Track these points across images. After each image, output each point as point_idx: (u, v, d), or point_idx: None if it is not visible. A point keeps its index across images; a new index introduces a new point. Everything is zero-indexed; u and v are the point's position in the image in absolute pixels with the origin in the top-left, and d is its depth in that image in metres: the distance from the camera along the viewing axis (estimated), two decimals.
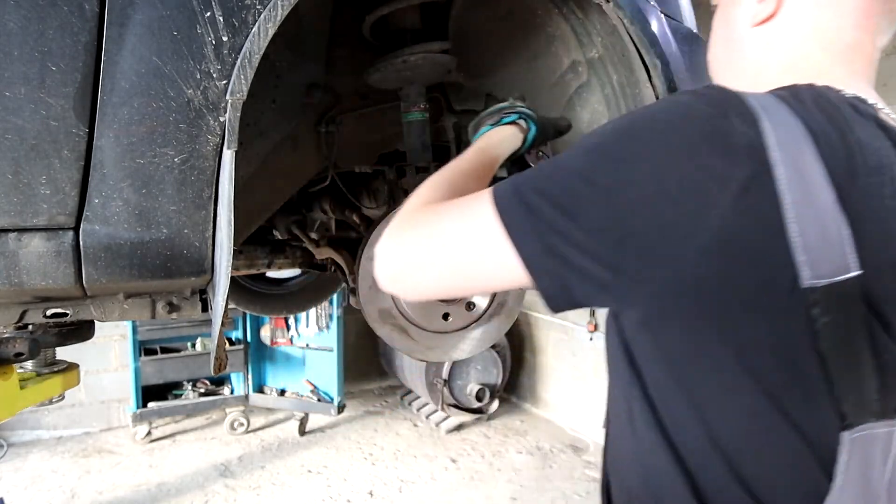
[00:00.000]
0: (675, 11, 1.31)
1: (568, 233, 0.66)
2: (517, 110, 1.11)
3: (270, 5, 0.88)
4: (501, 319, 1.36)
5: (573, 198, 0.66)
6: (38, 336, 1.28)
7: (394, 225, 0.84)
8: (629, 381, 0.77)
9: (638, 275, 0.65)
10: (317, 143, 1.50)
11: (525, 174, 0.73)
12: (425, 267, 0.79)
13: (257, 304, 2.31)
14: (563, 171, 0.69)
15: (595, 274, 0.66)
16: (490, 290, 0.86)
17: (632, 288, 0.67)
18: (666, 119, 0.67)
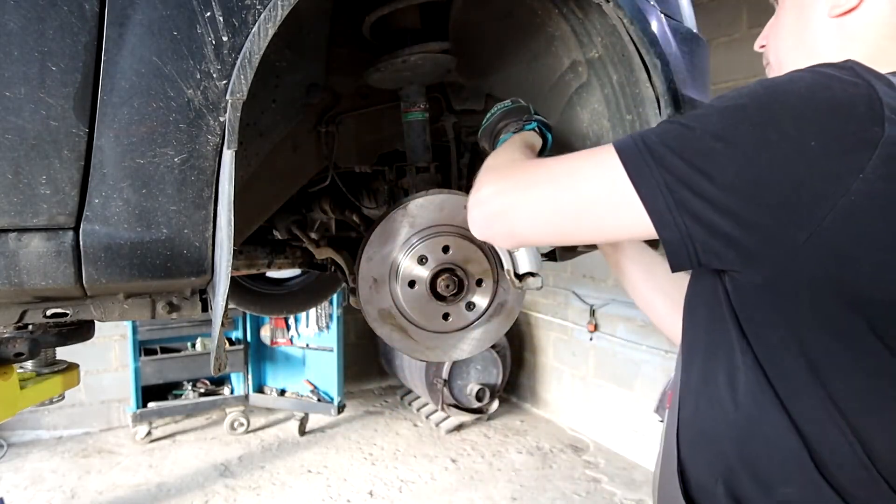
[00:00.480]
0: (675, 11, 1.31)
1: (700, 188, 0.67)
2: (536, 119, 1.13)
3: (270, 5, 0.88)
4: (501, 319, 1.36)
5: (708, 155, 0.67)
6: (38, 336, 1.28)
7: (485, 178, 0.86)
8: (737, 349, 0.77)
9: (772, 233, 0.66)
10: (317, 143, 1.50)
11: (648, 131, 0.74)
12: (535, 210, 0.81)
13: (257, 304, 2.31)
14: (696, 129, 0.70)
15: (725, 230, 0.67)
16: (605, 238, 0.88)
17: (763, 246, 0.68)
18: (809, 86, 0.68)
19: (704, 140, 0.68)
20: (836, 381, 0.71)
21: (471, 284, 1.29)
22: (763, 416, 0.75)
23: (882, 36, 0.80)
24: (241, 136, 0.90)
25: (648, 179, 0.70)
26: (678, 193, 0.69)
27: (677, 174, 0.69)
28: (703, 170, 0.67)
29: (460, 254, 1.27)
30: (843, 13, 0.82)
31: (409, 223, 1.25)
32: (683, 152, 0.69)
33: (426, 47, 1.28)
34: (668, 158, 0.69)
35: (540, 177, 0.82)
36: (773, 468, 0.76)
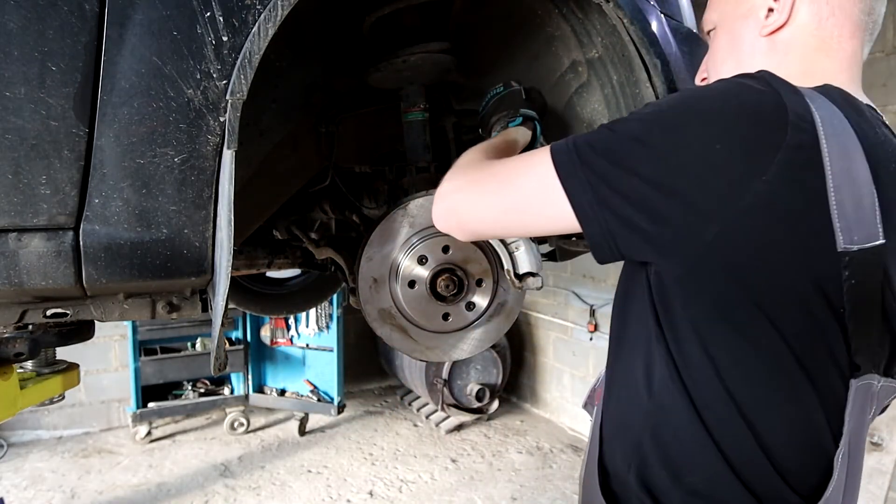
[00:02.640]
0: (675, 11, 1.31)
1: (620, 186, 0.72)
2: (521, 113, 1.16)
3: (270, 5, 0.88)
4: (501, 319, 1.36)
5: (628, 156, 0.73)
6: (38, 336, 1.28)
7: (450, 174, 0.94)
8: (653, 339, 0.82)
9: (682, 229, 0.71)
10: (317, 143, 1.49)
11: (581, 135, 0.79)
12: (480, 206, 0.88)
13: (257, 304, 2.31)
14: (619, 133, 0.75)
15: (642, 226, 0.72)
16: (540, 232, 0.94)
17: (675, 242, 0.72)
18: (721, 92, 0.73)
19: (625, 142, 0.73)
20: (734, 375, 0.75)
21: (471, 284, 1.29)
22: (673, 404, 0.80)
23: (811, 48, 0.85)
24: (241, 136, 0.90)
25: (574, 177, 0.75)
26: (600, 190, 0.73)
27: (599, 172, 0.74)
28: (622, 169, 0.72)
29: (460, 254, 1.27)
30: (773, 31, 0.87)
31: (409, 223, 1.25)
32: (606, 153, 0.74)
33: (426, 47, 1.28)
34: (592, 158, 0.74)
35: (488, 177, 0.88)
36: (682, 456, 0.80)
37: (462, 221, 0.92)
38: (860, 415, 0.75)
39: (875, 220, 0.69)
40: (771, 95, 0.69)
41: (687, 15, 1.38)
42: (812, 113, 0.69)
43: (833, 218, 0.67)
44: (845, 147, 0.68)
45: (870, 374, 0.74)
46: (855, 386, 0.73)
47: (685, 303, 0.77)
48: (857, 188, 0.68)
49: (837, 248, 0.68)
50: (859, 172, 0.68)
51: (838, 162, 0.67)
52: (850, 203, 0.68)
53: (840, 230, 0.67)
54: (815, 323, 0.71)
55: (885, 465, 2.69)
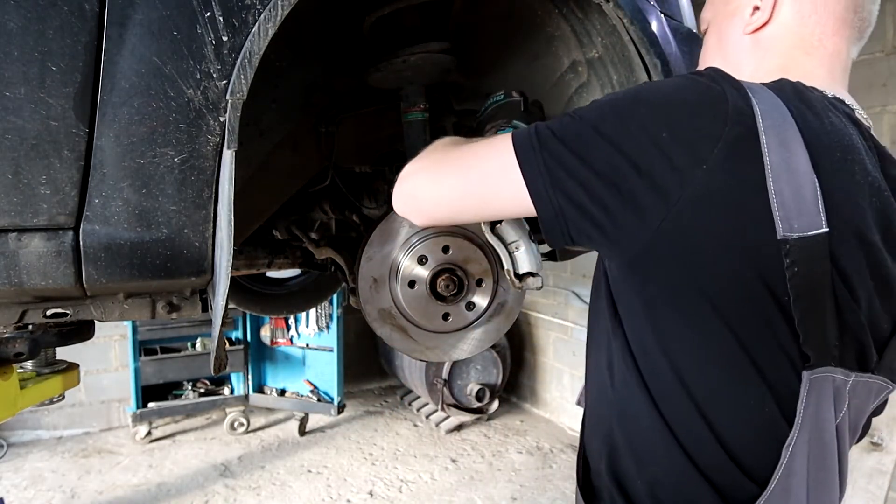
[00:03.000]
0: (675, 11, 1.31)
1: (574, 171, 0.74)
2: (513, 125, 1.16)
3: (270, 5, 0.88)
4: (501, 319, 1.36)
5: (583, 142, 0.75)
6: (38, 336, 1.28)
7: (414, 159, 0.95)
8: (612, 331, 0.85)
9: (627, 218, 0.73)
10: (317, 143, 1.49)
11: (544, 122, 0.81)
12: (439, 188, 0.89)
13: (257, 304, 2.31)
14: (577, 120, 0.77)
15: (592, 211, 0.75)
16: (496, 215, 0.95)
17: (622, 229, 0.74)
18: (670, 85, 0.76)
19: (582, 128, 0.76)
20: (685, 363, 0.77)
21: (471, 284, 1.29)
22: (631, 395, 0.82)
23: (792, 46, 0.87)
24: (241, 136, 0.90)
25: (531, 160, 0.77)
26: (555, 174, 0.75)
27: (556, 157, 0.76)
28: (577, 154, 0.74)
29: (460, 254, 1.27)
30: (756, 29, 0.89)
31: (409, 223, 1.25)
32: (564, 138, 0.76)
33: (426, 47, 1.27)
34: (550, 143, 0.76)
35: (449, 160, 0.90)
36: (643, 445, 0.82)
37: (419, 204, 0.93)
38: (820, 409, 0.75)
39: (817, 208, 0.70)
40: (714, 90, 0.72)
41: (687, 15, 1.38)
42: (753, 106, 0.71)
43: (773, 207, 0.69)
44: (784, 139, 0.70)
45: (827, 367, 0.74)
46: (808, 378, 0.73)
47: (635, 292, 0.79)
48: (797, 177, 0.70)
49: (777, 237, 0.69)
50: (799, 163, 0.70)
51: (777, 153, 0.69)
52: (789, 192, 0.69)
53: (779, 219, 0.69)
54: (760, 312, 0.72)
55: (886, 465, 2.69)
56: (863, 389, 0.78)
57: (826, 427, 0.76)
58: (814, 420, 0.75)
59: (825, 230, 0.70)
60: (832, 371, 0.74)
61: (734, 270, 0.72)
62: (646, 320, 0.79)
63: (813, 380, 0.74)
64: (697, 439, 0.77)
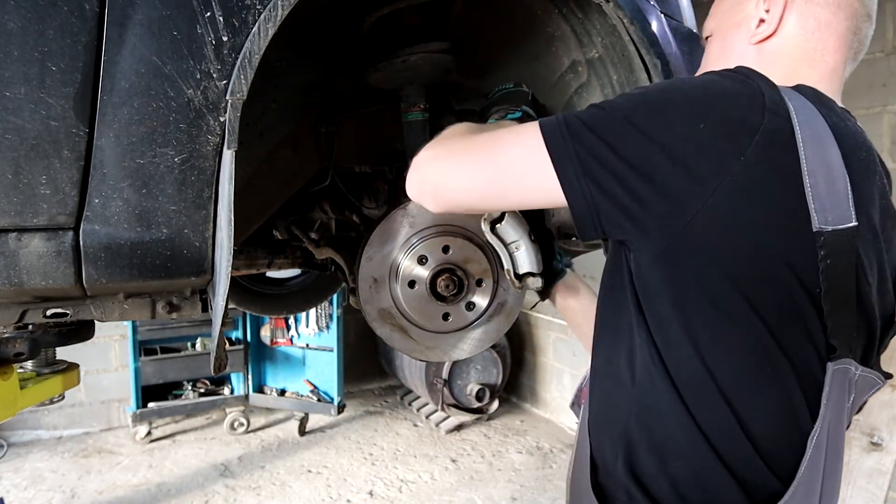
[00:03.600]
0: (675, 11, 1.31)
1: (606, 161, 0.74)
2: (522, 109, 1.16)
3: (270, 5, 0.88)
4: (501, 319, 1.36)
5: (614, 132, 0.74)
6: (38, 336, 1.28)
7: (430, 145, 0.93)
8: (635, 325, 0.83)
9: (663, 207, 0.73)
10: (317, 143, 1.49)
11: (571, 112, 0.80)
12: (461, 174, 0.87)
13: (257, 304, 2.31)
14: (608, 111, 0.77)
15: (625, 202, 0.74)
16: (521, 205, 0.93)
17: (655, 219, 0.74)
18: (705, 80, 0.77)
19: (614, 119, 0.75)
20: (714, 354, 0.77)
21: (471, 284, 1.29)
22: (655, 389, 0.81)
23: (796, 59, 0.89)
24: (241, 136, 0.90)
25: (562, 149, 0.76)
26: (587, 163, 0.75)
27: (588, 146, 0.75)
28: (609, 144, 0.74)
29: (460, 254, 1.27)
30: (762, 40, 0.91)
31: (409, 223, 1.25)
32: (595, 128, 0.75)
33: (426, 47, 1.27)
34: (581, 132, 0.76)
35: (471, 146, 0.88)
36: (666, 441, 0.81)
37: (438, 190, 0.90)
38: (838, 400, 0.76)
39: (848, 202, 0.72)
40: (749, 85, 0.74)
41: (687, 15, 1.38)
42: (786, 102, 0.72)
43: (808, 199, 0.70)
44: (818, 134, 0.72)
45: (846, 359, 0.75)
46: (832, 369, 0.75)
47: (665, 283, 0.78)
48: (831, 171, 0.71)
49: (813, 229, 0.70)
50: (832, 157, 0.72)
51: (811, 147, 0.71)
52: (824, 186, 0.71)
53: (815, 211, 0.70)
54: (792, 303, 0.73)
55: (886, 465, 2.69)
56: (863, 383, 0.80)
57: (842, 419, 0.78)
58: (834, 412, 0.76)
59: (855, 224, 0.72)
60: (850, 363, 0.76)
61: (768, 261, 0.72)
62: (674, 311, 0.78)
63: (835, 371, 0.75)
64: (724, 432, 0.77)
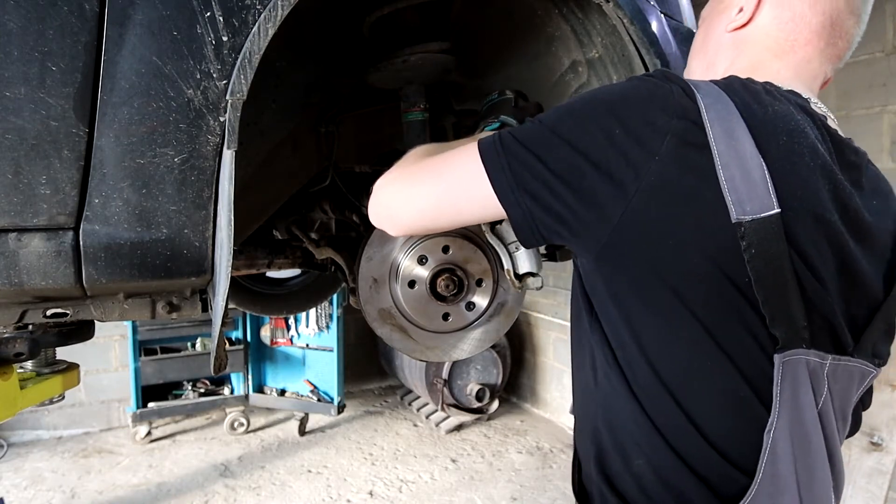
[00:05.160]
0: (675, 11, 1.31)
1: (536, 171, 0.78)
2: (500, 119, 1.18)
3: (270, 5, 0.88)
4: (501, 319, 1.36)
5: (542, 143, 0.79)
6: (38, 336, 1.28)
7: (388, 171, 0.97)
8: (591, 329, 0.87)
9: (589, 214, 0.77)
10: (317, 143, 1.50)
11: (508, 129, 0.85)
12: (412, 198, 0.91)
13: (257, 304, 2.31)
14: (537, 124, 0.81)
15: (556, 209, 0.78)
16: (469, 221, 0.96)
17: (585, 226, 0.78)
18: (622, 85, 0.81)
19: (542, 131, 0.80)
20: (656, 351, 0.79)
21: (471, 284, 1.29)
22: (613, 389, 0.83)
23: (765, 48, 0.91)
24: (241, 136, 0.90)
25: (496, 163, 0.81)
26: (519, 175, 0.79)
27: (519, 159, 0.79)
28: (538, 156, 0.78)
29: (460, 254, 1.27)
30: (737, 28, 0.93)
31: None
32: (525, 141, 0.80)
33: (426, 47, 1.27)
34: (513, 147, 0.80)
35: (419, 170, 0.92)
36: (628, 439, 0.83)
37: (393, 215, 0.95)
38: (797, 392, 0.76)
39: (767, 190, 0.72)
40: (662, 87, 0.76)
41: (687, 15, 1.38)
42: (697, 101, 0.74)
43: (724, 192, 0.72)
44: (729, 127, 0.73)
45: (798, 350, 0.75)
46: (780, 360, 0.75)
47: (605, 285, 0.82)
48: (744, 163, 0.72)
49: (731, 220, 0.72)
50: (745, 149, 0.73)
51: (723, 141, 0.72)
52: (739, 177, 0.72)
53: (732, 203, 0.71)
54: (722, 296, 0.74)
55: (886, 465, 2.69)
56: (843, 373, 0.79)
57: (806, 411, 0.77)
58: (792, 404, 0.76)
59: (777, 210, 0.72)
60: (805, 353, 0.75)
61: (693, 257, 0.74)
62: (617, 312, 0.81)
63: (785, 363, 0.75)
64: (677, 430, 0.79)
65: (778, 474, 0.75)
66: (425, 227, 0.96)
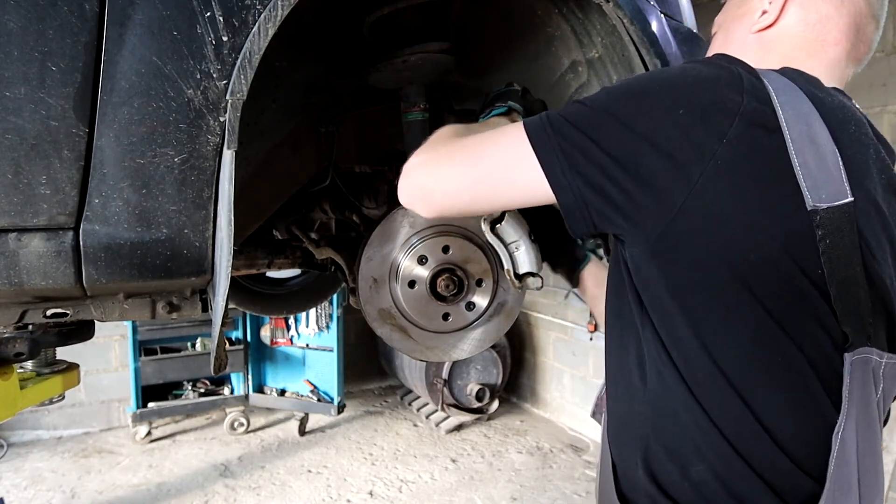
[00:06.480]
0: (675, 11, 1.31)
1: (590, 154, 0.74)
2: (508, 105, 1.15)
3: (270, 5, 0.88)
4: (501, 319, 1.35)
5: (596, 125, 0.74)
6: (38, 336, 1.28)
7: (419, 151, 0.92)
8: (639, 323, 0.81)
9: (648, 198, 0.72)
10: (317, 143, 1.49)
11: (554, 110, 0.80)
12: (449, 178, 0.87)
13: (257, 304, 2.31)
14: (589, 105, 0.77)
15: (613, 195, 0.73)
16: (510, 204, 0.93)
17: (643, 211, 0.73)
18: (682, 68, 0.77)
19: (595, 112, 0.76)
20: (719, 346, 0.74)
21: (471, 284, 1.29)
22: (667, 390, 0.78)
23: (796, 48, 0.89)
24: (241, 136, 0.90)
25: (546, 145, 0.76)
26: (572, 158, 0.75)
27: (572, 141, 0.75)
28: (592, 137, 0.74)
29: (460, 254, 1.27)
30: (762, 29, 0.91)
31: (409, 223, 1.25)
32: (578, 123, 0.76)
33: (426, 47, 1.27)
34: (564, 128, 0.76)
35: (458, 149, 0.88)
36: (685, 444, 0.78)
37: (428, 195, 0.89)
38: (863, 393, 0.72)
39: (841, 177, 0.70)
40: (727, 69, 0.73)
41: (687, 15, 1.38)
42: (766, 84, 0.72)
43: (799, 178, 0.68)
44: (802, 112, 0.71)
45: (866, 348, 0.72)
46: (850, 360, 0.72)
47: (662, 275, 0.77)
48: (819, 148, 0.70)
49: (807, 207, 0.68)
50: (819, 134, 0.70)
51: (796, 125, 0.69)
52: (813, 163, 0.69)
53: (807, 189, 0.68)
54: (793, 287, 0.71)
55: (886, 465, 2.69)
56: (890, 371, 0.76)
57: (871, 411, 0.73)
58: (861, 405, 0.72)
59: (851, 199, 0.69)
60: (870, 351, 0.72)
61: (763, 245, 0.70)
62: (675, 306, 0.76)
63: (855, 361, 0.72)
64: (742, 431, 0.74)
65: (843, 477, 0.72)
66: (461, 209, 0.91)
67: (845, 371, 0.71)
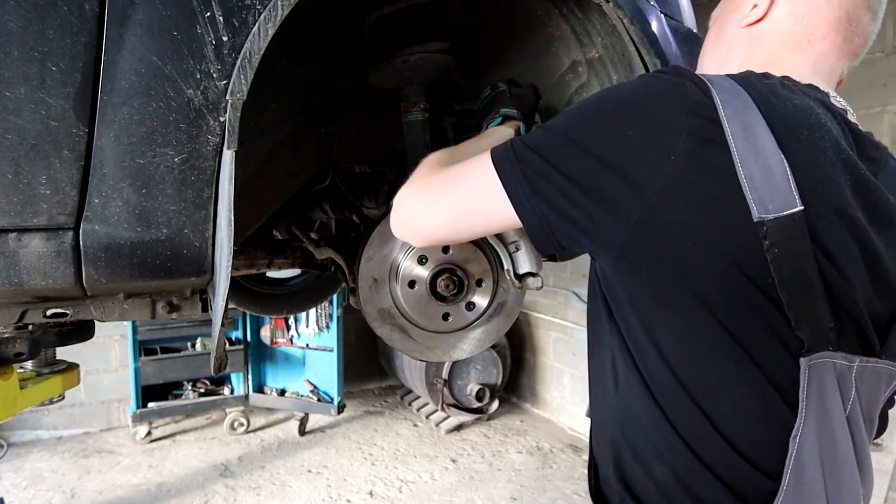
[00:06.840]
0: (675, 11, 1.31)
1: (551, 178, 0.77)
2: (501, 113, 1.17)
3: (270, 5, 0.88)
4: (501, 319, 1.36)
5: (556, 150, 0.78)
6: (38, 336, 1.28)
7: (406, 183, 0.97)
8: (610, 332, 0.85)
9: (606, 217, 0.75)
10: (317, 143, 1.49)
11: (520, 136, 0.85)
12: (431, 211, 0.92)
13: (257, 304, 2.31)
14: (549, 130, 0.81)
15: (574, 216, 0.77)
16: (487, 231, 0.97)
17: (602, 230, 0.76)
18: (633, 84, 0.79)
19: (554, 137, 0.79)
20: (677, 355, 0.77)
21: (471, 284, 1.29)
22: (633, 395, 0.82)
23: (781, 43, 0.89)
24: (241, 136, 0.90)
25: (510, 173, 0.80)
26: (534, 183, 0.78)
27: (533, 167, 0.78)
28: (551, 162, 0.77)
29: (460, 254, 1.27)
30: (752, 23, 0.92)
31: None
32: (538, 149, 0.79)
33: (426, 47, 1.27)
34: (526, 155, 0.80)
35: (437, 182, 0.92)
36: (648, 446, 0.81)
37: (416, 229, 0.95)
38: (825, 397, 0.73)
39: (789, 187, 0.70)
40: (675, 83, 0.74)
41: (687, 15, 1.38)
42: (713, 97, 0.72)
43: (745, 191, 0.70)
44: (747, 123, 0.71)
45: (825, 353, 0.72)
46: (806, 364, 0.72)
47: (624, 289, 0.80)
48: (765, 160, 0.70)
49: (753, 219, 0.70)
50: (765, 145, 0.71)
51: (742, 138, 0.70)
52: (759, 175, 0.70)
53: (753, 202, 0.70)
54: (745, 299, 0.72)
55: (886, 465, 2.69)
56: (871, 376, 0.76)
57: (834, 416, 0.74)
58: (819, 409, 0.73)
59: (800, 208, 0.70)
60: (831, 356, 0.73)
61: (714, 258, 0.72)
62: (636, 315, 0.80)
63: (812, 366, 0.72)
64: (700, 435, 0.76)
65: (804, 482, 0.73)
66: (446, 238, 0.97)
67: (801, 376, 0.73)
